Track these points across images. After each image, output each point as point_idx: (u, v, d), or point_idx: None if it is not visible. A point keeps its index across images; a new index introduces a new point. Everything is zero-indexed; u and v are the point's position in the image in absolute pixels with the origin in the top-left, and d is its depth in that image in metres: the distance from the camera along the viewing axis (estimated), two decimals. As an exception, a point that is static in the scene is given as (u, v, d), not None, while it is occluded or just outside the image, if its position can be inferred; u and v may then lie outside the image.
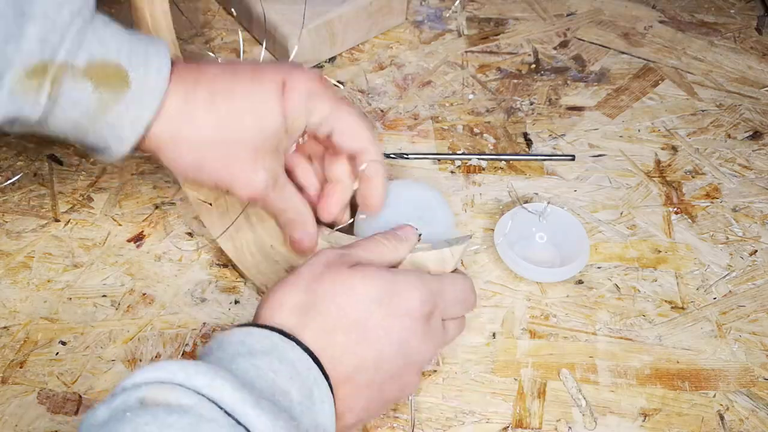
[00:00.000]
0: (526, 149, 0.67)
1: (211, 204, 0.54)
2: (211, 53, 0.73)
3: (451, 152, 0.66)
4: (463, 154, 0.66)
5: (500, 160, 0.65)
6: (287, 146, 0.47)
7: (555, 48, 0.77)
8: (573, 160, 0.65)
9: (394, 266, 0.45)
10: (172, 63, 0.43)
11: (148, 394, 0.31)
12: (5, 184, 0.57)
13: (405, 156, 0.65)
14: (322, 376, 0.37)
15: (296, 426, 0.34)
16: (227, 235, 0.54)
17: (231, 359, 0.36)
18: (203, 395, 0.32)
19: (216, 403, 0.31)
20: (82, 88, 0.39)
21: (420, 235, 0.48)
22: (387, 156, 0.65)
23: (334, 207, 0.50)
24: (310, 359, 0.37)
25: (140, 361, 0.52)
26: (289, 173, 0.49)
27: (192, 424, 0.30)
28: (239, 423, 0.31)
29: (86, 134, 0.42)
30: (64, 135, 0.42)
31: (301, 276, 0.41)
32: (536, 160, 0.66)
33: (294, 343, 0.37)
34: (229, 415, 0.31)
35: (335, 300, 0.40)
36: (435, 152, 0.66)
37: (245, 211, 0.52)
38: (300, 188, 0.49)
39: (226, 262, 0.57)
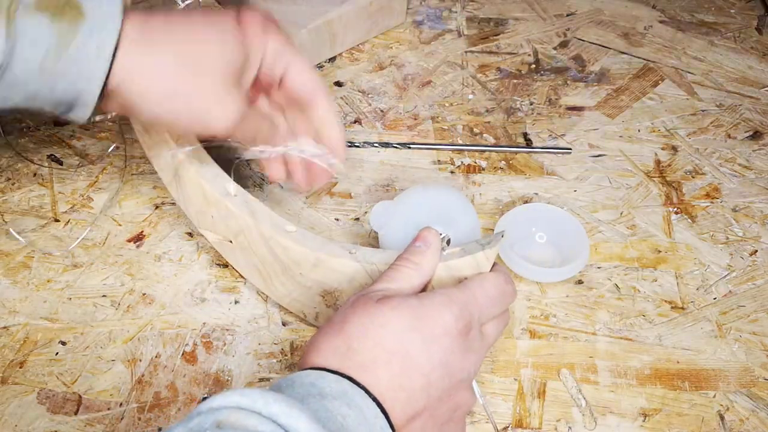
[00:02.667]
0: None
1: (231, 241, 0.52)
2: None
3: (445, 144, 0.66)
4: (457, 145, 0.66)
5: (495, 151, 0.65)
6: (248, 80, 0.47)
7: (555, 48, 0.77)
8: (570, 152, 0.65)
9: (426, 280, 0.45)
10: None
11: (226, 418, 0.31)
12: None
13: (406, 146, 0.65)
14: (388, 425, 0.37)
15: None
16: (255, 269, 0.52)
17: (302, 399, 0.36)
18: (279, 424, 0.31)
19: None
20: (38, 22, 0.39)
21: (449, 239, 0.47)
22: (389, 145, 0.65)
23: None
24: (377, 407, 0.37)
25: (140, 361, 0.52)
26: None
27: None
28: None
29: (54, 80, 0.40)
30: (32, 89, 0.40)
31: (332, 321, 0.41)
32: (533, 152, 0.66)
33: (363, 391, 0.37)
34: None
35: (368, 335, 0.39)
36: (434, 153, 0.66)
37: (268, 244, 0.50)
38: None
39: (226, 263, 0.57)
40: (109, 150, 0.65)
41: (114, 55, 0.40)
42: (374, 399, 0.37)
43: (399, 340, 0.39)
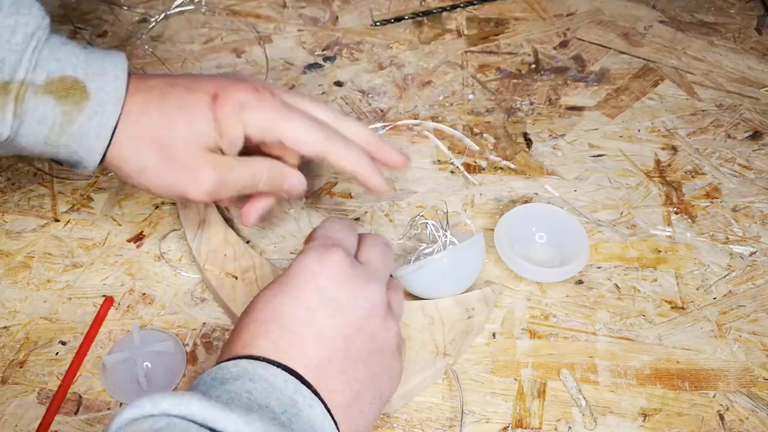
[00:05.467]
0: (527, 149, 0.67)
1: (236, 278, 0.54)
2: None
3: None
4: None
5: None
6: (231, 151, 0.48)
7: (555, 48, 0.77)
8: None
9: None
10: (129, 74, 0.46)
11: None
12: None
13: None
14: (302, 384, 0.37)
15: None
16: None
17: (203, 393, 0.36)
18: (173, 415, 0.32)
19: (188, 419, 0.32)
20: (45, 102, 0.42)
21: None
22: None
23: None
24: (285, 372, 0.37)
25: (140, 361, 0.52)
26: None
27: (166, 428, 0.31)
28: (213, 430, 0.32)
29: (57, 149, 0.45)
30: (37, 152, 0.45)
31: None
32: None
33: (265, 362, 0.37)
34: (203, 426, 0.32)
35: (244, 319, 0.41)
36: (434, 153, 0.66)
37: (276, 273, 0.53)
38: None
39: (226, 262, 0.57)
40: None
41: (113, 132, 0.44)
42: (278, 365, 0.37)
43: (268, 306, 0.40)
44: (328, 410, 0.38)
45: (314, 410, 0.37)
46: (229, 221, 0.59)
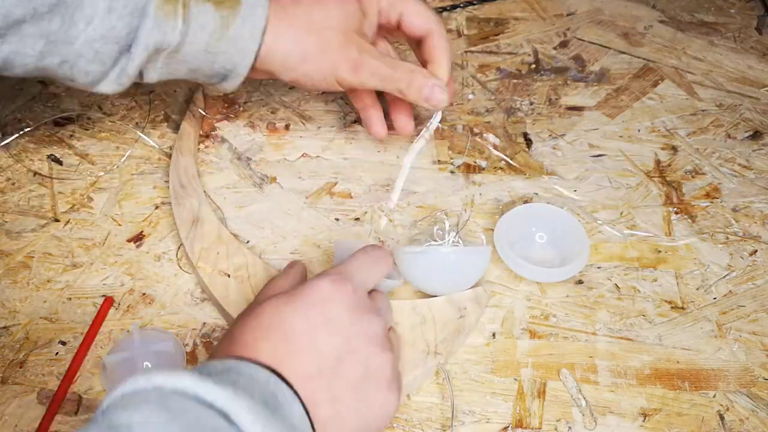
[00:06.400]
0: (526, 149, 0.67)
1: (228, 275, 0.54)
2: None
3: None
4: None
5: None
6: (370, 29, 0.55)
7: (555, 48, 0.77)
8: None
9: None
10: None
11: (114, 412, 0.32)
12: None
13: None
14: (283, 382, 0.38)
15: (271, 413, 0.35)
16: (245, 301, 0.53)
17: None
18: (166, 390, 0.33)
19: (179, 393, 0.33)
20: (206, 10, 0.48)
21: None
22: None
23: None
24: (267, 370, 0.38)
25: (140, 361, 0.52)
26: None
27: (158, 399, 0.32)
28: (202, 401, 0.33)
29: (215, 58, 0.50)
30: (196, 64, 0.50)
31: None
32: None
33: (247, 361, 0.39)
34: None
35: (246, 323, 0.42)
36: (434, 153, 0.66)
37: (270, 274, 0.53)
38: None
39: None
40: (122, 160, 0.65)
41: (263, 33, 0.50)
42: (266, 367, 0.39)
43: (275, 315, 0.42)
44: (310, 420, 0.39)
45: (293, 409, 0.38)
46: (222, 221, 0.59)
